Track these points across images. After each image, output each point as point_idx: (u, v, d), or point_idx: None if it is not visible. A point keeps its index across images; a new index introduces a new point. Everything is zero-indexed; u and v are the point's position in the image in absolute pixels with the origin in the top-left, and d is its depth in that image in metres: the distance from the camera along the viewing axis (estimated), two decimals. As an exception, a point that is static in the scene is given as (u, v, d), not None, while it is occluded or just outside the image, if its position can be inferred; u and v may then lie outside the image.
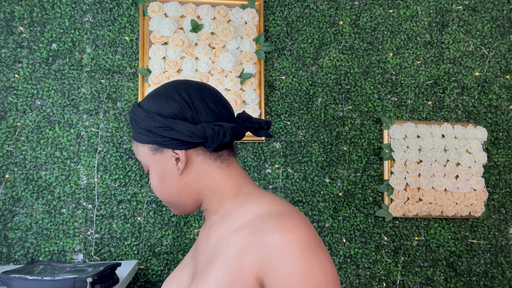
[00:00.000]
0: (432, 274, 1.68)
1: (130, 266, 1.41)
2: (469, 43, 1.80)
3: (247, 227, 0.63)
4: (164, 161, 0.69)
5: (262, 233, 0.59)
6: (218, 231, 0.68)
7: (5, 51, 1.49)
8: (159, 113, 0.68)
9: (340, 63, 1.71)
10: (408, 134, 1.66)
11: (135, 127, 0.70)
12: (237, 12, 1.60)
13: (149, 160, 0.71)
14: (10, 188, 1.46)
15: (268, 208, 0.65)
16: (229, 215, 0.69)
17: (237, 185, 0.72)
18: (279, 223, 0.59)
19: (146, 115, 0.68)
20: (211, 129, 0.67)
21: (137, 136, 0.71)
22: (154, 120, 0.67)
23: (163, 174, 0.70)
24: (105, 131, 1.54)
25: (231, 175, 0.72)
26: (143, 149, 0.71)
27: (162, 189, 0.71)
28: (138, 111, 0.69)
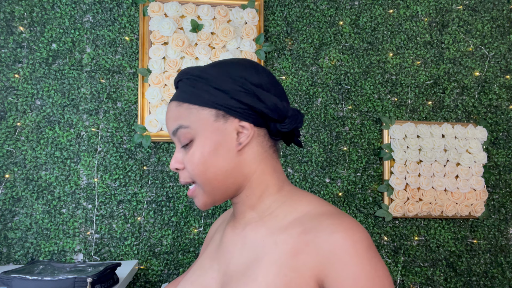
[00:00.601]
0: (432, 274, 1.68)
1: (130, 266, 1.41)
2: (469, 43, 1.80)
3: (297, 226, 0.58)
4: (225, 131, 0.61)
5: (319, 232, 0.55)
6: (259, 230, 0.62)
7: (5, 51, 1.49)
8: (245, 78, 0.62)
9: (340, 63, 1.71)
10: (408, 134, 1.66)
11: (198, 86, 0.61)
12: (237, 12, 1.60)
13: (203, 126, 0.61)
14: (10, 188, 1.46)
15: (317, 207, 0.61)
16: (270, 213, 0.63)
17: (281, 180, 0.67)
18: (338, 223, 0.55)
19: (226, 76, 0.61)
20: (292, 110, 0.65)
21: (196, 96, 0.61)
22: (236, 83, 0.61)
23: (219, 146, 0.61)
24: (105, 131, 1.54)
25: (277, 168, 0.67)
26: (198, 113, 0.61)
27: (210, 164, 0.61)
28: (211, 70, 0.62)
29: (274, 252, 0.58)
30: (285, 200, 0.64)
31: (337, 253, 0.53)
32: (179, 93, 0.63)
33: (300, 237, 0.57)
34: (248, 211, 0.66)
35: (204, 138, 0.61)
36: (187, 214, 1.56)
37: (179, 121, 0.62)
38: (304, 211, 0.61)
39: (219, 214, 1.58)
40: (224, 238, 0.69)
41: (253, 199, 0.65)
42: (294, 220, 0.60)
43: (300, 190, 0.67)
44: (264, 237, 0.61)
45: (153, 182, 1.55)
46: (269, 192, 0.65)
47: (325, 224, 0.56)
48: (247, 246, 0.62)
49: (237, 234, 0.66)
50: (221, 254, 0.67)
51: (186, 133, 0.61)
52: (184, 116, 0.62)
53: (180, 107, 0.62)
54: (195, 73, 0.62)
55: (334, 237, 0.54)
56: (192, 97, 0.61)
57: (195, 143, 0.61)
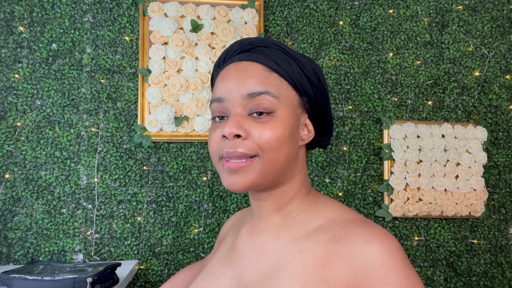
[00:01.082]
0: (432, 274, 1.68)
1: (130, 266, 1.41)
2: (469, 43, 1.80)
3: (324, 233, 0.55)
4: (299, 121, 0.59)
5: (350, 242, 0.51)
6: (281, 236, 0.58)
7: (5, 51, 1.49)
8: (323, 81, 0.62)
9: (340, 63, 1.71)
10: (408, 134, 1.66)
11: (293, 65, 0.59)
12: (237, 12, 1.60)
13: (288, 106, 0.57)
14: (10, 188, 1.46)
15: (344, 214, 0.58)
16: (294, 217, 0.60)
17: (309, 185, 0.65)
18: (370, 232, 0.51)
19: (312, 70, 0.60)
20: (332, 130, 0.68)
21: (291, 74, 0.58)
22: (321, 83, 0.61)
23: (294, 131, 0.58)
24: (105, 131, 1.54)
25: (307, 174, 0.68)
26: (287, 90, 0.58)
27: (285, 144, 0.56)
28: (300, 56, 0.61)
29: (300, 261, 0.53)
30: (310, 204, 0.61)
31: (373, 265, 0.48)
32: (265, 59, 0.58)
33: (329, 246, 0.52)
34: (273, 213, 0.61)
35: (287, 117, 0.56)
36: (187, 214, 1.56)
37: (268, 87, 0.56)
38: (330, 217, 0.58)
39: (219, 215, 1.58)
40: (239, 243, 0.64)
41: (286, 199, 0.61)
42: (320, 227, 0.56)
43: (324, 196, 0.65)
44: (287, 244, 0.57)
45: (153, 182, 1.55)
46: (300, 194, 0.62)
47: (357, 233, 0.52)
48: (266, 253, 0.58)
49: (254, 239, 0.61)
50: (235, 260, 0.62)
51: (272, 103, 0.55)
52: (274, 85, 0.56)
53: (270, 74, 0.57)
54: (290, 51, 0.59)
55: (369, 247, 0.49)
56: (285, 72, 0.57)
57: (276, 117, 0.55)
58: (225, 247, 0.68)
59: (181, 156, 1.57)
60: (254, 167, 0.55)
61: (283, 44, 0.60)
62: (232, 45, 0.62)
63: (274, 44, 0.59)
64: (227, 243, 0.68)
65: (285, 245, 0.57)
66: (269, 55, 0.58)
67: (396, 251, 0.49)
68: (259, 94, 0.55)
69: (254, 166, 0.55)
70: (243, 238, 0.63)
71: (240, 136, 0.54)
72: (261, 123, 0.55)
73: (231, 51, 0.61)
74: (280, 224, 0.60)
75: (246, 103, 0.55)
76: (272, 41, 0.59)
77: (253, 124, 0.55)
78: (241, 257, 0.61)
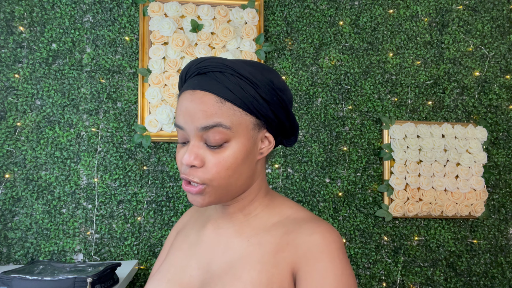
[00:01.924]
0: (432, 274, 1.68)
1: (130, 266, 1.41)
2: (469, 43, 1.80)
3: (280, 228, 0.64)
4: (255, 140, 0.62)
5: (299, 234, 0.61)
6: (244, 231, 0.66)
7: (5, 51, 1.49)
8: (280, 90, 0.63)
9: (340, 63, 1.71)
10: (408, 134, 1.66)
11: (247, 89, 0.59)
12: (237, 12, 1.60)
13: (242, 132, 0.60)
14: (10, 188, 1.46)
15: (297, 212, 0.67)
16: (255, 215, 0.68)
17: (267, 185, 0.72)
18: (316, 226, 0.62)
19: (269, 85, 0.61)
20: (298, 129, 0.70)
21: (244, 100, 0.59)
22: (275, 94, 0.61)
23: (249, 153, 0.61)
24: (105, 131, 1.54)
25: (265, 177, 0.72)
26: (241, 117, 0.59)
27: (238, 170, 0.61)
28: (256, 74, 0.60)
29: (258, 251, 0.62)
30: (268, 203, 0.69)
31: (312, 250, 0.58)
32: (219, 87, 0.59)
33: (283, 238, 0.62)
34: (236, 213, 0.68)
35: (241, 144, 0.60)
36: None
37: (219, 119, 0.58)
38: (286, 215, 0.67)
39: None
40: (204, 237, 0.69)
41: (246, 202, 0.67)
42: (277, 223, 0.65)
43: (280, 195, 0.73)
44: (249, 237, 0.65)
45: (153, 182, 1.55)
46: (258, 197, 0.68)
47: (306, 227, 0.62)
48: (231, 246, 0.65)
49: (220, 234, 0.68)
50: (200, 253, 0.68)
51: (224, 134, 0.58)
52: (226, 116, 0.58)
53: (222, 105, 0.58)
54: (243, 73, 0.59)
55: (312, 238, 0.60)
56: (238, 99, 0.58)
57: (230, 146, 0.59)
58: (185, 240, 0.72)
59: (181, 156, 1.57)
60: (208, 192, 0.61)
61: (239, 65, 0.60)
62: (190, 64, 0.64)
63: (228, 68, 0.59)
64: (190, 237, 0.72)
65: (248, 238, 0.64)
66: (222, 82, 0.59)
67: (334, 242, 0.59)
68: (211, 127, 0.58)
69: (206, 192, 0.61)
70: (209, 233, 0.69)
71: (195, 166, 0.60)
72: (215, 153, 0.59)
73: (190, 71, 0.64)
74: (243, 221, 0.67)
75: (201, 134, 0.59)
76: (227, 64, 0.60)
77: (208, 153, 0.60)
78: (207, 250, 0.67)
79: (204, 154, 0.60)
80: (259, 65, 0.64)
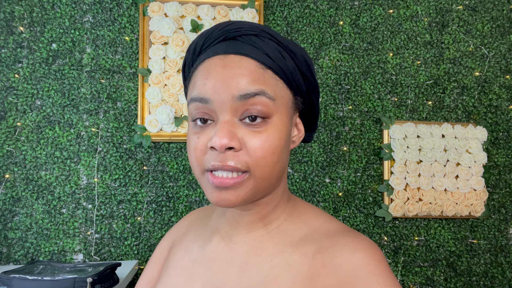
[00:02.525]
0: (432, 274, 1.68)
1: (130, 266, 1.41)
2: (469, 43, 1.80)
3: (310, 244, 0.51)
4: (292, 123, 0.52)
5: (337, 252, 0.48)
6: (265, 247, 0.53)
7: (5, 51, 1.49)
8: (314, 72, 0.53)
9: (340, 63, 1.71)
10: (408, 134, 1.66)
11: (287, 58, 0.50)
12: (237, 12, 1.60)
13: (284, 108, 0.49)
14: (10, 188, 1.46)
15: (327, 223, 0.54)
16: (277, 226, 0.54)
17: (288, 188, 0.58)
18: (356, 241, 0.49)
19: (305, 62, 0.52)
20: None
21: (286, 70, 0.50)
22: (313, 77, 0.52)
23: (289, 136, 0.51)
24: (105, 131, 1.54)
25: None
26: (283, 90, 0.50)
27: (281, 156, 0.49)
28: (295, 47, 0.51)
29: (287, 275, 0.49)
30: (292, 211, 0.56)
31: (359, 274, 0.46)
32: (258, 52, 0.48)
33: (316, 258, 0.49)
34: (255, 222, 0.54)
35: (283, 123, 0.48)
36: (187, 214, 1.56)
37: (263, 86, 0.47)
38: (314, 226, 0.53)
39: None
40: (212, 254, 0.55)
41: (270, 208, 0.54)
42: (304, 236, 0.52)
43: (302, 201, 0.60)
44: (272, 255, 0.51)
45: (153, 182, 1.55)
46: (283, 201, 0.56)
47: (343, 243, 0.49)
48: (249, 267, 0.52)
49: (233, 250, 0.54)
50: (207, 273, 0.54)
51: (268, 106, 0.47)
52: (269, 84, 0.47)
53: (264, 72, 0.48)
54: (282, 41, 0.50)
55: (356, 257, 0.47)
56: (281, 68, 0.49)
57: (272, 124, 0.47)
58: (187, 257, 0.58)
59: (181, 156, 1.57)
60: (246, 185, 0.48)
61: (275, 32, 0.51)
62: (213, 28, 0.51)
63: (265, 33, 0.49)
64: (190, 252, 0.59)
65: (270, 257, 0.51)
66: (260, 47, 0.49)
67: (381, 260, 0.48)
68: (254, 95, 0.46)
69: (246, 184, 0.48)
70: (219, 248, 0.55)
71: (232, 148, 0.46)
72: (256, 132, 0.47)
73: (212, 37, 0.51)
74: (263, 234, 0.54)
75: (237, 106, 0.47)
76: (262, 28, 0.50)
77: (246, 133, 0.47)
78: (217, 270, 0.53)
79: (242, 134, 0.47)
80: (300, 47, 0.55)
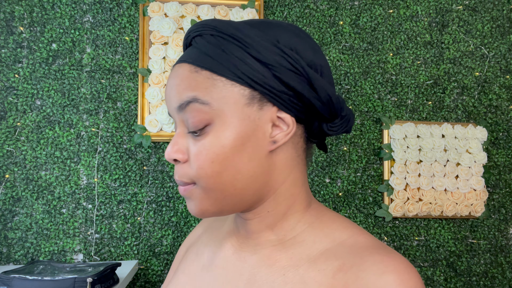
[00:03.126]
0: (432, 274, 1.68)
1: (130, 266, 1.41)
2: (469, 43, 1.80)
3: (331, 260, 0.44)
4: (257, 122, 0.44)
5: (363, 272, 0.42)
6: (278, 259, 0.47)
7: (5, 51, 1.49)
8: (297, 52, 0.45)
9: (340, 63, 1.71)
10: (408, 134, 1.66)
11: (229, 49, 0.43)
12: (237, 12, 1.60)
13: (230, 109, 0.43)
14: (10, 188, 1.46)
15: (355, 236, 0.47)
16: (294, 236, 0.48)
17: (309, 194, 0.51)
18: (388, 261, 0.42)
19: (271, 43, 0.43)
20: (347, 109, 0.48)
21: (225, 64, 0.43)
22: (285, 57, 0.43)
23: (247, 140, 0.44)
24: (105, 131, 1.54)
25: (306, 179, 0.51)
26: (225, 88, 0.43)
27: (231, 163, 0.43)
28: (249, 30, 0.44)
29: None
30: (313, 221, 0.49)
31: None
32: (196, 54, 0.45)
33: (337, 277, 0.43)
34: (265, 231, 0.50)
35: (229, 126, 0.43)
36: (187, 214, 1.56)
37: (194, 92, 0.43)
38: (338, 240, 0.47)
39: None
40: (221, 261, 0.52)
41: (276, 217, 0.49)
42: (326, 251, 0.46)
43: (329, 209, 0.53)
44: (285, 269, 0.46)
45: (153, 182, 1.55)
46: (295, 209, 0.49)
47: (371, 262, 0.42)
48: (258, 279, 0.47)
49: (243, 260, 0.50)
50: (214, 282, 0.50)
51: (203, 113, 0.43)
52: (202, 88, 0.43)
53: (197, 74, 0.44)
54: (226, 30, 0.44)
55: (384, 280, 0.40)
56: (219, 63, 0.43)
57: (213, 129, 0.43)
58: (196, 262, 0.55)
59: (181, 156, 1.57)
60: (199, 194, 0.46)
61: (225, 23, 0.45)
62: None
63: (207, 28, 0.45)
64: (200, 257, 0.56)
65: (283, 271, 0.46)
66: (200, 46, 0.45)
67: (415, 285, 0.41)
68: (186, 104, 0.44)
69: (196, 195, 0.46)
70: (228, 256, 0.51)
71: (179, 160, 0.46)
72: (199, 142, 0.44)
73: (183, 46, 0.51)
74: (276, 244, 0.49)
75: (181, 117, 0.46)
76: (208, 25, 0.45)
77: (191, 143, 0.45)
78: (224, 281, 0.49)
79: (189, 144, 0.45)
80: (264, 21, 0.47)
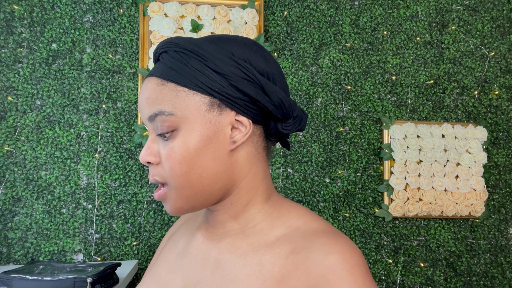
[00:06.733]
0: (432, 274, 1.68)
1: (130, 266, 1.41)
2: (469, 43, 1.80)
3: (285, 244, 0.51)
4: (218, 125, 0.51)
5: (311, 253, 0.47)
6: (239, 245, 0.53)
7: (5, 51, 1.49)
8: (250, 63, 0.52)
9: (340, 63, 1.71)
10: (408, 134, 1.66)
11: (190, 63, 0.50)
12: (237, 12, 1.60)
13: (192, 116, 0.50)
14: (10, 188, 1.46)
15: (308, 223, 0.53)
16: (254, 225, 0.55)
17: (269, 187, 0.58)
18: (333, 243, 0.48)
19: (227, 56, 0.51)
20: (298, 109, 0.55)
21: (187, 76, 0.50)
22: (238, 67, 0.50)
23: (209, 142, 0.50)
24: (105, 131, 1.54)
25: (268, 174, 0.58)
26: (187, 98, 0.50)
27: (196, 163, 0.50)
28: (208, 45, 0.51)
29: (258, 275, 0.49)
30: (272, 211, 0.56)
31: (330, 278, 0.45)
32: (162, 68, 0.51)
33: (289, 258, 0.49)
34: (229, 220, 0.56)
35: (192, 130, 0.50)
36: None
37: (160, 105, 0.50)
38: (293, 226, 0.53)
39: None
40: (192, 248, 0.58)
41: (238, 208, 0.55)
42: (282, 236, 0.52)
43: (288, 200, 0.59)
44: (245, 254, 0.52)
45: (153, 182, 1.55)
46: (256, 201, 0.56)
47: (318, 244, 0.48)
48: (222, 264, 0.53)
49: (210, 246, 0.56)
50: (187, 268, 0.56)
51: (169, 121, 0.50)
52: (167, 100, 0.50)
53: (163, 87, 0.50)
54: (187, 46, 0.50)
55: (329, 260, 0.46)
56: (181, 76, 0.50)
57: (179, 134, 0.50)
58: (173, 250, 0.61)
59: (181, 156, 1.57)
60: (172, 195, 0.52)
61: (186, 40, 0.52)
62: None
63: (171, 45, 0.51)
64: (177, 245, 0.62)
65: (243, 255, 0.52)
66: (165, 62, 0.52)
67: (357, 265, 0.46)
68: (154, 116, 0.51)
69: (170, 196, 0.53)
70: (198, 243, 0.58)
71: (152, 162, 0.53)
72: (168, 146, 0.51)
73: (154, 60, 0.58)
74: (238, 233, 0.55)
75: (152, 126, 0.53)
76: (172, 42, 0.52)
77: (162, 147, 0.51)
78: (194, 265, 0.56)
79: (159, 148, 0.52)
80: (221, 37, 0.54)
